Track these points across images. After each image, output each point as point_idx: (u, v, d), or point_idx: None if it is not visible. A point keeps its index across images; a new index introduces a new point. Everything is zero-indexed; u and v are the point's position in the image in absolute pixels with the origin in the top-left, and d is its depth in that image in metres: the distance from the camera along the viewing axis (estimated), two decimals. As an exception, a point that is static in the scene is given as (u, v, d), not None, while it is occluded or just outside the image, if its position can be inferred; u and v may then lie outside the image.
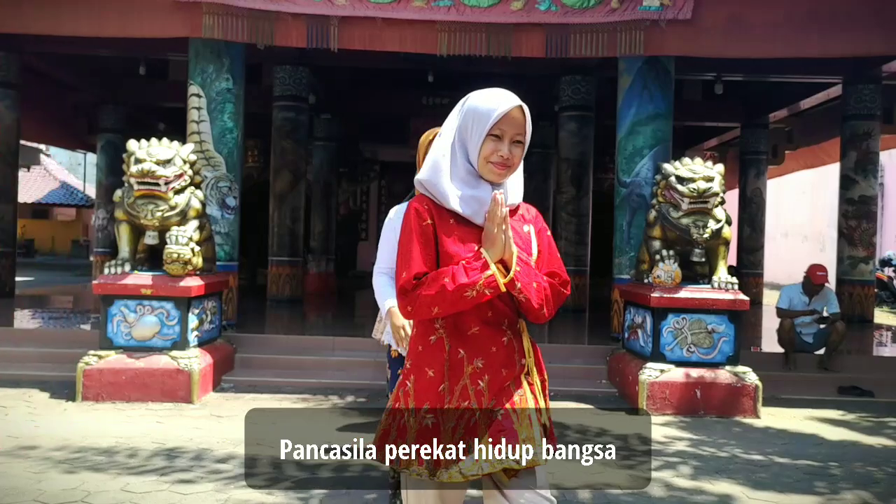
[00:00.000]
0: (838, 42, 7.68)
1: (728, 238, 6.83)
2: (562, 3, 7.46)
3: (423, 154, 2.78)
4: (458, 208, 2.08)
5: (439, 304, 2.03)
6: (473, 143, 2.10)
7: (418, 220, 2.10)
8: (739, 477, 4.61)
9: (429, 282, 2.04)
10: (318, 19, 7.53)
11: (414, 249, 2.08)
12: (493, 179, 2.11)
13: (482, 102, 2.12)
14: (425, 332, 2.15)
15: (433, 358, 2.13)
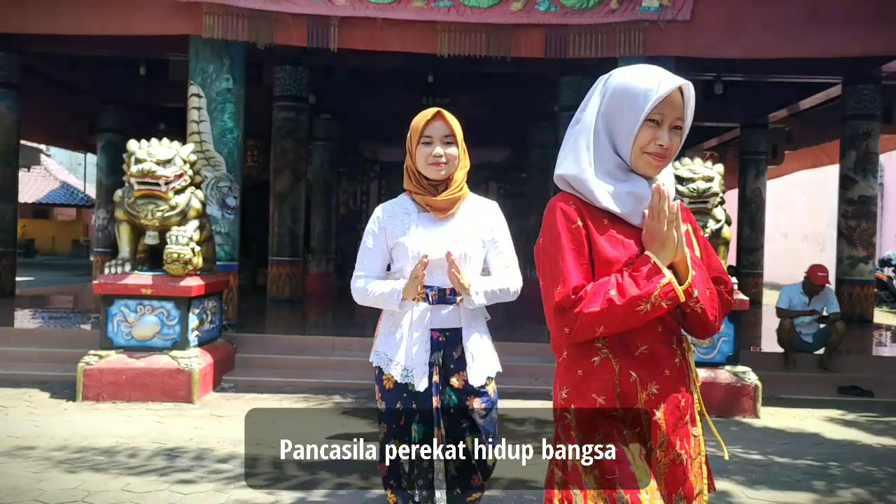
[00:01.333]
0: (837, 42, 7.69)
1: (728, 238, 6.83)
2: (561, 4, 7.46)
3: (415, 141, 2.59)
4: (613, 207, 1.76)
5: (606, 322, 1.69)
6: (625, 131, 1.79)
7: (567, 222, 1.76)
8: (739, 476, 4.61)
9: (590, 297, 1.70)
10: (318, 19, 7.54)
11: (567, 258, 1.74)
12: (649, 173, 1.80)
13: (637, 82, 1.81)
14: (583, 353, 1.78)
15: (601, 382, 1.76)
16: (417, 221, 2.62)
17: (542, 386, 6.91)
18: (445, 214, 2.62)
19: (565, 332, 1.72)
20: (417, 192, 2.62)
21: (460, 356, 2.60)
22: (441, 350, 2.60)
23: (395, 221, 2.65)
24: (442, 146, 2.58)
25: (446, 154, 2.58)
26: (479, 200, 2.73)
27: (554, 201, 1.82)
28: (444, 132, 2.59)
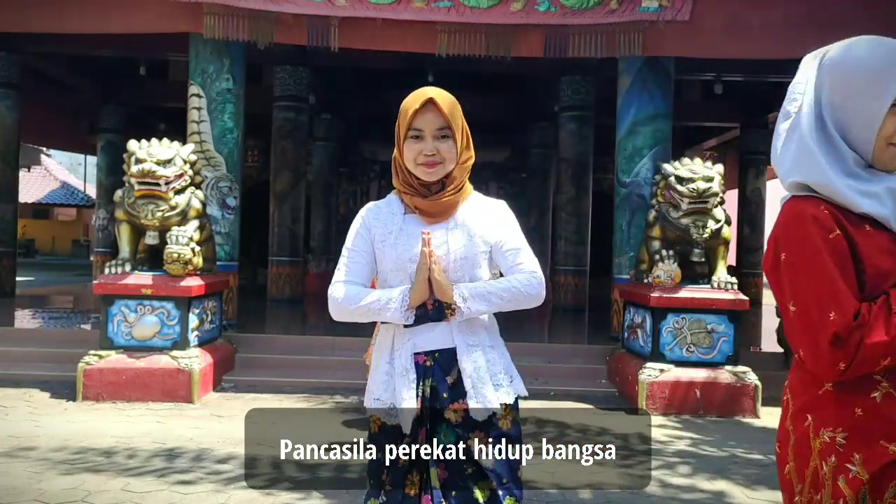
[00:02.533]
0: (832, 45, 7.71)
1: (728, 238, 6.83)
2: (561, 4, 7.46)
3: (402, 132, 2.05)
4: (873, 210, 1.47)
5: (894, 352, 1.39)
6: (864, 120, 1.48)
7: (822, 232, 1.45)
8: (739, 476, 4.62)
9: (873, 323, 1.40)
10: (318, 19, 7.54)
11: (834, 277, 1.43)
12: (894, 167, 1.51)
13: (875, 58, 1.48)
14: (860, 385, 1.44)
15: (890, 425, 1.42)
16: (403, 225, 2.12)
17: (542, 386, 6.91)
18: (437, 220, 2.11)
19: (840, 368, 1.41)
20: (405, 191, 2.11)
21: (456, 381, 2.07)
22: (429, 378, 2.08)
23: (380, 223, 2.15)
24: (435, 141, 2.05)
25: (440, 152, 2.06)
26: (484, 201, 2.19)
27: (799, 205, 1.49)
28: (437, 124, 2.05)
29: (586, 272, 11.44)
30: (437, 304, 2.07)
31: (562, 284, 11.28)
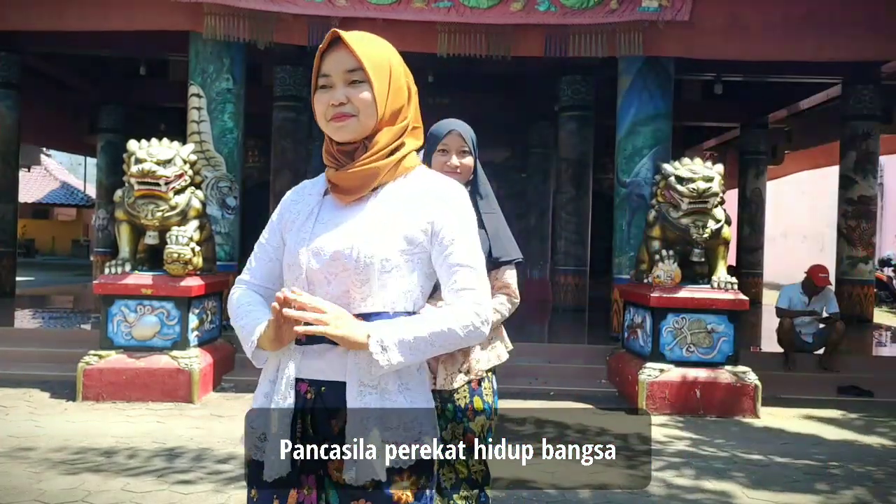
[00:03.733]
0: (833, 46, 7.73)
1: (728, 238, 6.83)
2: (561, 4, 7.46)
3: (314, 77, 1.67)
4: None
5: None
6: None
7: None
8: (739, 476, 4.62)
9: None
10: (318, 20, 7.54)
11: None
12: None
13: None
14: None
15: None
16: (316, 207, 1.68)
17: (542, 386, 6.92)
18: (352, 198, 1.63)
19: None
20: (327, 163, 1.71)
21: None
22: (309, 415, 1.56)
23: (295, 207, 1.73)
24: (346, 88, 1.59)
25: (352, 100, 1.58)
26: (429, 179, 1.67)
27: None
28: (346, 65, 1.59)
29: (586, 272, 11.43)
30: None
31: (562, 284, 11.27)
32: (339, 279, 1.56)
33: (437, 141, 2.57)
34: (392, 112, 1.63)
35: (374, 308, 1.56)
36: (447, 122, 2.63)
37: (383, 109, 1.60)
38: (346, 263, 1.55)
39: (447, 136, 2.58)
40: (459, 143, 2.58)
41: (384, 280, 1.56)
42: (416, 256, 1.60)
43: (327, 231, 1.61)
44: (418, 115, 1.72)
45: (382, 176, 1.62)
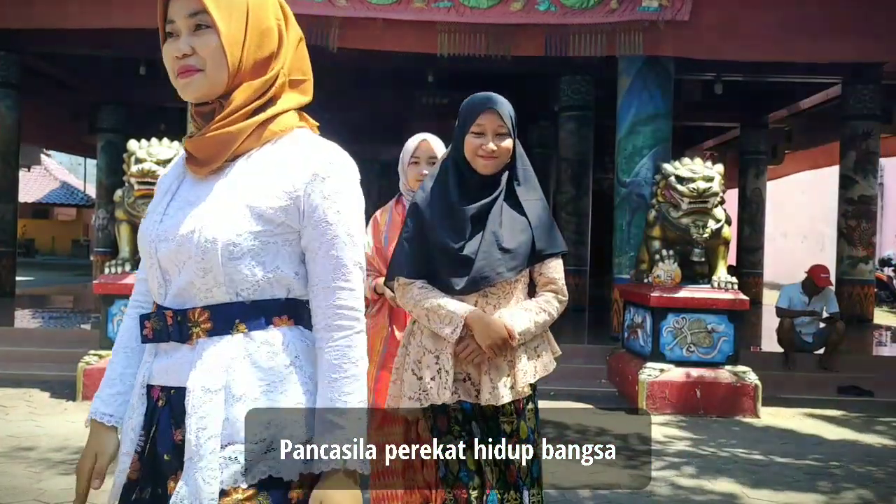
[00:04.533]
0: (829, 48, 7.74)
1: (728, 238, 6.83)
2: (561, 4, 7.46)
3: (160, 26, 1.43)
4: None
5: None
6: None
7: None
8: (740, 476, 4.62)
9: None
10: (318, 20, 7.54)
11: None
12: None
13: None
14: None
15: None
16: (176, 184, 1.39)
17: (542, 385, 6.90)
18: (206, 169, 1.33)
19: None
20: (192, 129, 1.41)
21: (181, 442, 1.29)
22: (156, 424, 1.35)
23: (163, 184, 1.43)
24: (190, 36, 1.29)
25: (196, 50, 1.28)
26: (305, 145, 1.36)
27: None
28: (187, 9, 1.30)
29: (586, 272, 11.43)
30: (178, 317, 1.31)
31: (562, 284, 11.27)
32: (186, 268, 1.29)
33: (471, 120, 2.24)
34: (254, 62, 1.31)
35: (222, 298, 1.30)
36: (481, 96, 2.29)
37: (237, 59, 1.28)
38: (189, 250, 1.27)
39: (483, 115, 2.23)
40: (497, 122, 2.22)
41: (233, 269, 1.27)
42: (281, 238, 1.31)
43: (177, 212, 1.33)
44: (303, 66, 1.42)
45: (242, 142, 1.31)
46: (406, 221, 2.35)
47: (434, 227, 2.25)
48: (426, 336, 2.28)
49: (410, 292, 2.29)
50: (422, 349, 2.29)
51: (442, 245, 2.23)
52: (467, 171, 2.28)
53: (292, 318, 1.35)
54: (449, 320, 2.20)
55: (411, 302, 2.28)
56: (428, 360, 2.26)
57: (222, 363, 1.28)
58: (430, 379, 2.24)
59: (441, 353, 2.25)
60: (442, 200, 2.29)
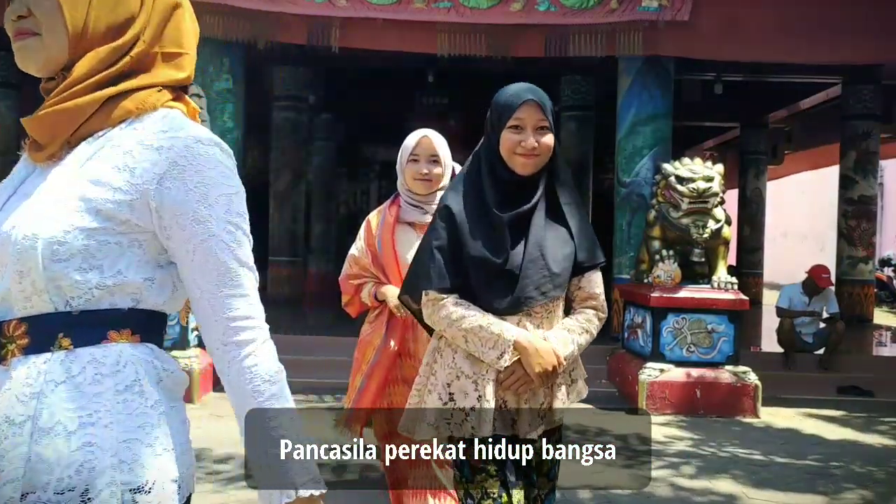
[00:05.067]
0: (827, 49, 7.75)
1: (728, 238, 6.83)
2: (561, 4, 7.46)
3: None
4: None
5: None
6: None
7: None
8: (740, 476, 4.62)
9: None
10: (319, 20, 7.54)
11: None
12: None
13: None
14: None
15: None
16: (19, 171, 1.21)
17: (542, 386, 6.91)
18: (43, 154, 1.13)
19: None
20: None
21: None
22: None
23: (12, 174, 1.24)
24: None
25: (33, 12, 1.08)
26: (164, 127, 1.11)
27: None
28: None
29: (586, 272, 11.42)
30: None
31: (562, 284, 11.28)
32: (5, 272, 1.06)
33: (508, 114, 2.00)
34: (106, 27, 1.09)
35: (43, 308, 1.06)
36: (520, 87, 2.04)
37: (80, 21, 1.07)
38: (6, 250, 1.05)
39: (522, 108, 1.99)
40: (538, 116, 1.98)
41: (58, 272, 1.04)
42: (126, 239, 1.08)
43: (11, 206, 1.11)
44: (179, 38, 1.16)
45: (86, 121, 1.09)
46: (433, 226, 2.07)
47: (469, 235, 1.98)
48: (461, 357, 2.02)
49: (443, 309, 2.00)
50: (455, 372, 2.03)
51: (480, 257, 1.98)
52: (503, 172, 2.02)
53: (137, 334, 1.09)
54: (494, 343, 1.94)
55: (445, 321, 1.99)
56: (464, 386, 2.01)
57: (33, 388, 1.01)
58: (467, 407, 1.99)
59: (480, 378, 2.00)
60: (477, 205, 2.02)
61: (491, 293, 1.99)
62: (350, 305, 3.17)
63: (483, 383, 1.99)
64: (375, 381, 2.86)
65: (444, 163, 2.87)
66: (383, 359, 2.85)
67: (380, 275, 2.93)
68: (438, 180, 2.85)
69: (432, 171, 2.83)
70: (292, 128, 11.08)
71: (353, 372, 3.03)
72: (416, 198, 2.90)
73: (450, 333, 2.01)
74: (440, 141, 2.89)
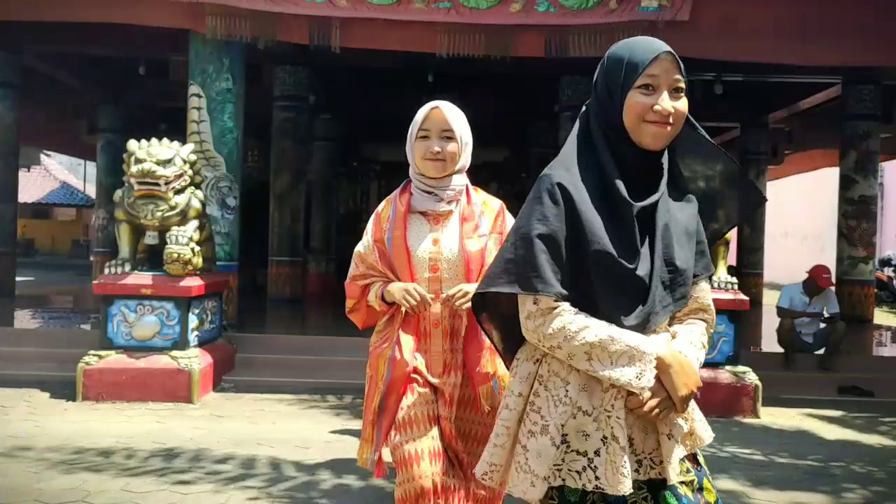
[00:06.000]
0: (827, 50, 7.75)
1: (728, 238, 6.82)
2: (560, 5, 7.46)
3: None
4: None
5: None
6: None
7: None
8: (740, 476, 4.61)
9: None
10: (319, 20, 7.54)
11: None
12: None
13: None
14: None
15: None
16: None
17: (542, 386, 6.90)
18: None
19: None
20: None
21: None
22: None
23: None
24: None
25: None
26: None
27: None
28: None
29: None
30: None
31: (562, 284, 11.27)
32: None
33: (635, 72, 1.59)
34: None
35: None
36: (647, 40, 1.65)
37: None
38: None
39: (655, 63, 1.58)
40: (674, 74, 1.60)
41: None
42: None
43: None
44: None
45: None
46: (534, 209, 1.59)
47: (592, 225, 1.56)
48: (575, 388, 1.60)
49: (559, 319, 1.58)
50: (570, 409, 1.60)
51: (607, 258, 1.55)
52: (625, 146, 1.61)
53: None
54: (629, 359, 1.54)
55: (561, 335, 1.57)
56: (583, 425, 1.59)
57: None
58: (589, 452, 1.57)
59: (602, 414, 1.58)
60: (595, 187, 1.60)
61: (616, 303, 1.58)
62: (355, 312, 2.68)
63: (604, 417, 1.58)
64: (395, 398, 2.48)
65: (460, 139, 2.44)
66: (397, 373, 2.46)
67: (388, 273, 2.51)
68: (454, 160, 2.44)
69: (445, 148, 2.40)
70: (292, 128, 11.08)
71: (369, 392, 2.63)
72: (428, 183, 2.48)
73: (566, 351, 1.57)
74: (455, 113, 2.45)
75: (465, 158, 2.50)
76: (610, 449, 1.56)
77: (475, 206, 2.53)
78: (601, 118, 1.65)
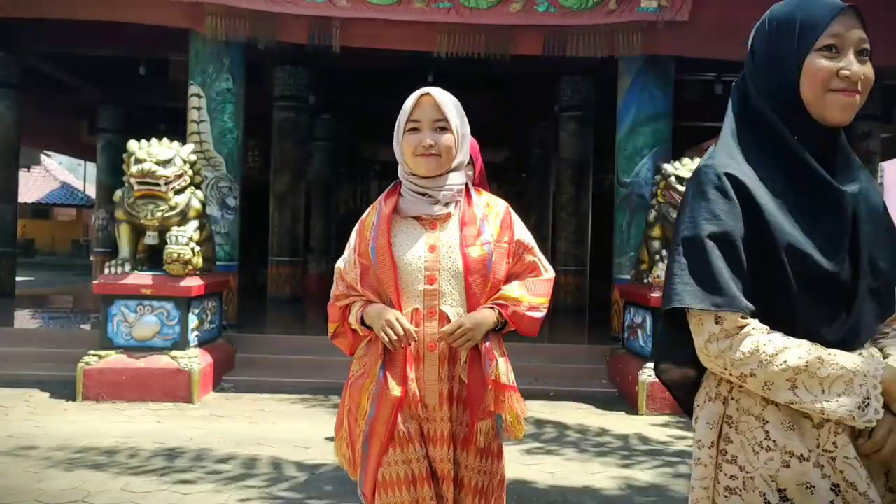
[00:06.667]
0: None
1: None
2: (560, 5, 7.46)
3: None
4: None
5: None
6: None
7: None
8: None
9: None
10: (320, 20, 7.55)
11: None
12: None
13: None
14: None
15: None
16: None
17: (542, 386, 6.91)
18: None
19: None
20: None
21: None
22: None
23: None
24: None
25: None
26: None
27: None
28: None
29: (586, 272, 11.44)
30: None
31: (562, 285, 11.27)
32: None
33: (812, 32, 1.35)
34: None
35: None
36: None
37: None
38: None
39: (837, 22, 1.36)
40: (859, 34, 1.41)
41: None
42: None
43: None
44: None
45: None
46: (700, 206, 1.32)
47: (778, 220, 1.28)
48: (777, 428, 1.28)
49: (748, 341, 1.27)
50: (779, 454, 1.28)
51: (802, 257, 1.27)
52: (807, 123, 1.34)
53: None
54: (846, 385, 1.23)
55: (754, 360, 1.26)
56: (804, 475, 1.26)
57: None
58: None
59: (824, 456, 1.26)
60: (778, 175, 1.31)
61: (819, 317, 1.29)
62: (340, 337, 2.27)
63: (831, 463, 1.26)
64: (379, 439, 2.08)
65: (456, 130, 2.08)
66: (383, 409, 2.07)
67: (369, 295, 2.13)
68: (450, 155, 2.08)
69: (439, 141, 2.04)
70: (292, 128, 11.09)
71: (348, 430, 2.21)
72: (420, 183, 2.11)
73: (761, 379, 1.26)
74: (448, 100, 2.09)
75: (463, 153, 2.15)
76: (849, 498, 1.24)
77: (477, 208, 2.18)
78: (766, 91, 1.38)
